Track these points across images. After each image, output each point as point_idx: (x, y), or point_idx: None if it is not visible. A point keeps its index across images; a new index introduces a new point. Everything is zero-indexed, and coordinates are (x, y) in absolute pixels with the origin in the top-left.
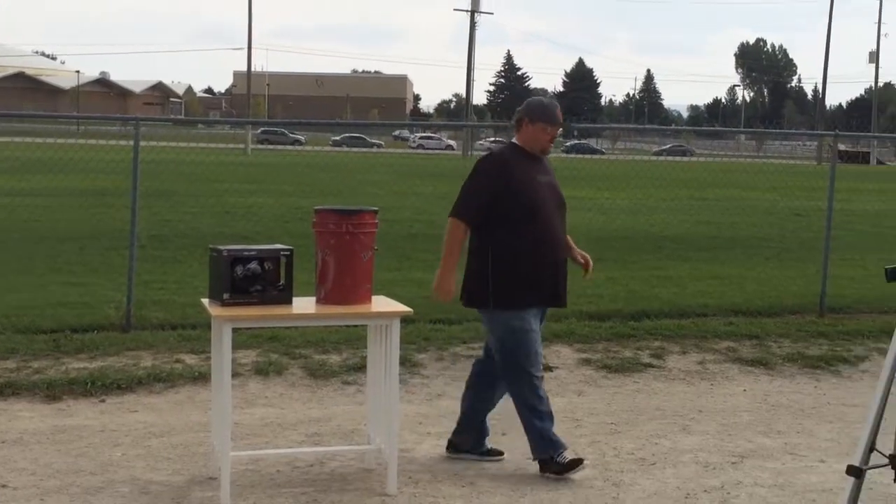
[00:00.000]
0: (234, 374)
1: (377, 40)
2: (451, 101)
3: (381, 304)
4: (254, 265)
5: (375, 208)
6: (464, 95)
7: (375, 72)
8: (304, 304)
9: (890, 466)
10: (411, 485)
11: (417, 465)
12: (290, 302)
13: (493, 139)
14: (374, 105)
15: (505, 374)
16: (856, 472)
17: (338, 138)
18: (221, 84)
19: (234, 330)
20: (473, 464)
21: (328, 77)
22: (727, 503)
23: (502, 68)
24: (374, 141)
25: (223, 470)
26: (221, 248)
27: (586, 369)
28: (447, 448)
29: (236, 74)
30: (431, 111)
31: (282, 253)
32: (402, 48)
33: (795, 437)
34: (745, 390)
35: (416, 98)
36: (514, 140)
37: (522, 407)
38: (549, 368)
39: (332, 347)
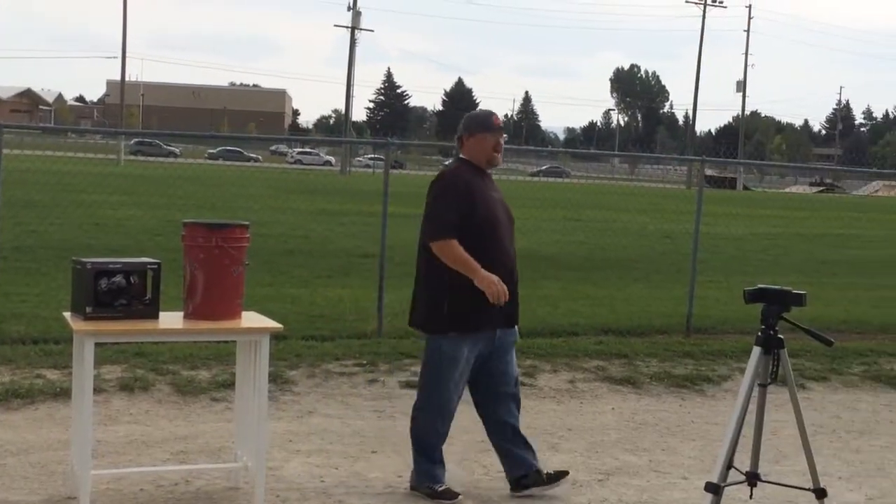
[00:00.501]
0: (98, 391)
1: (256, 54)
2: (330, 116)
3: (251, 319)
4: (119, 278)
5: (246, 222)
6: (343, 111)
7: (254, 85)
8: (171, 319)
9: (746, 483)
10: (279, 503)
11: (285, 483)
12: (156, 316)
13: (371, 156)
14: (251, 119)
15: (419, 394)
16: (714, 489)
17: (214, 151)
18: (94, 93)
19: (98, 345)
20: (342, 482)
21: (205, 89)
22: None
23: (382, 86)
24: (251, 155)
25: (82, 489)
26: (85, 260)
27: None
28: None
29: (110, 83)
30: (310, 126)
31: (148, 266)
32: (281, 62)
33: (660, 455)
34: (613, 409)
35: (295, 113)
36: (461, 156)
37: (415, 436)
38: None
39: (201, 363)
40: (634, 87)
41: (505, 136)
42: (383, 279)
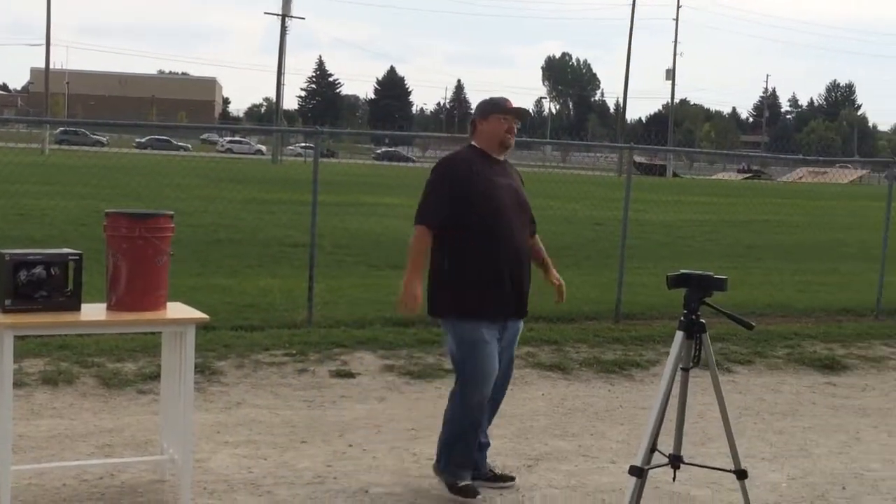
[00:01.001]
0: (20, 384)
1: (185, 41)
2: (261, 105)
3: (176, 310)
4: (39, 270)
5: (171, 212)
6: (274, 100)
7: (183, 73)
8: (93, 311)
9: (669, 466)
10: (206, 495)
11: (213, 475)
12: (78, 308)
13: (303, 144)
14: (181, 107)
15: (456, 387)
16: (637, 472)
17: (142, 140)
18: (17, 81)
19: (20, 337)
20: (270, 472)
21: (132, 77)
22: None
23: (314, 74)
24: (180, 144)
25: (2, 485)
26: (4, 251)
27: (389, 376)
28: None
29: (34, 71)
30: (241, 115)
31: (70, 257)
32: (211, 50)
33: (589, 440)
34: (542, 395)
35: (226, 101)
36: (471, 142)
37: (451, 419)
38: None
39: (127, 355)
40: (566, 76)
41: (518, 122)
42: (313, 268)
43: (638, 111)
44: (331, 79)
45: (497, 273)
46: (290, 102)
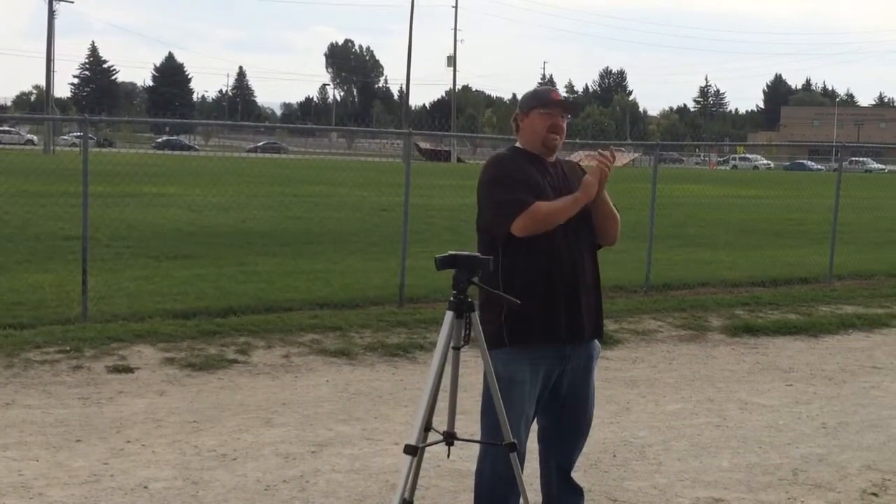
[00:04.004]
0: None
1: None
2: (31, 93)
3: None
4: None
5: None
6: (44, 87)
7: None
8: None
9: (444, 443)
10: None
11: None
12: None
13: (77, 134)
14: None
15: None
16: (412, 451)
17: None
18: None
19: None
20: (43, 474)
21: None
22: (305, 491)
23: (87, 60)
24: None
25: None
26: None
27: (170, 368)
28: None
29: None
30: (8, 104)
31: None
32: None
33: (373, 423)
34: (327, 381)
35: None
36: (516, 144)
37: (477, 486)
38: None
39: None
40: (349, 62)
41: (568, 116)
42: (87, 261)
43: (422, 97)
44: (105, 65)
45: (551, 294)
46: (63, 90)
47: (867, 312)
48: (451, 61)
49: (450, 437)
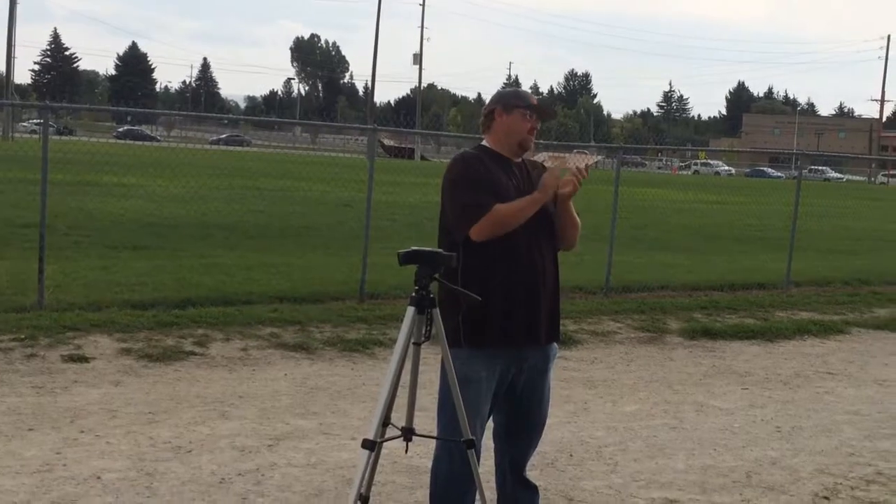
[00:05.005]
0: None
1: None
2: None
3: None
4: None
5: None
6: (4, 73)
7: None
8: None
9: (402, 438)
10: None
11: None
12: None
13: (37, 121)
14: None
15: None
16: (370, 445)
17: None
18: None
19: None
20: None
21: None
22: (261, 485)
23: (48, 47)
24: None
25: None
26: None
27: (126, 359)
28: None
29: None
30: None
31: None
32: None
33: (330, 418)
34: (285, 375)
35: None
36: (483, 143)
37: (433, 485)
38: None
39: None
40: (315, 57)
41: (538, 123)
42: (43, 249)
43: (387, 94)
44: (67, 52)
45: (511, 294)
46: (24, 76)
47: (823, 319)
48: (417, 59)
49: (408, 433)
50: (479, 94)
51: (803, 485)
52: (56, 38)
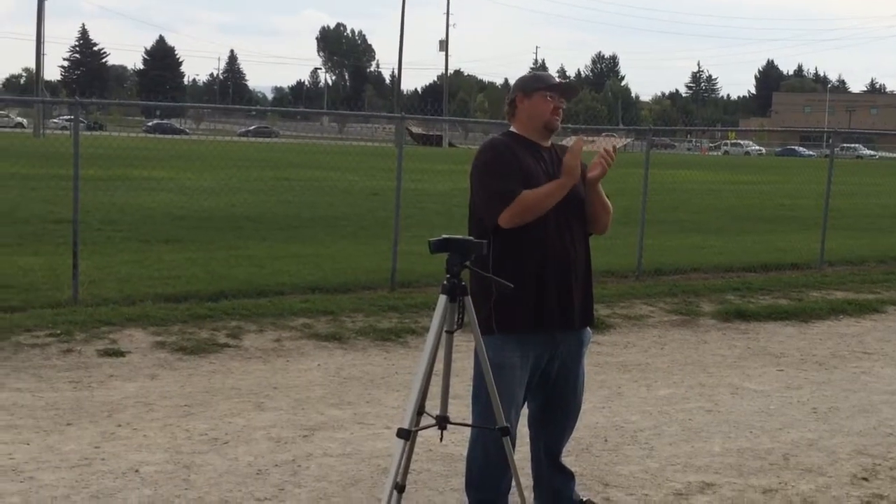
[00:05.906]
0: None
1: None
2: (20, 75)
3: None
4: None
5: None
6: (34, 70)
7: None
8: None
9: (437, 427)
10: None
11: None
12: None
13: (67, 117)
14: None
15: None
16: (405, 434)
17: None
18: None
19: None
20: (33, 457)
21: None
22: (297, 475)
23: (77, 43)
24: None
25: None
26: None
27: (161, 352)
28: None
29: None
30: None
31: None
32: None
33: (365, 407)
34: (319, 365)
35: None
36: (511, 129)
37: (468, 472)
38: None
39: None
40: (341, 47)
41: (563, 102)
42: (77, 244)
43: (414, 82)
44: (96, 48)
45: (542, 280)
46: (53, 73)
47: (858, 298)
48: (443, 45)
49: (443, 422)
50: (506, 80)
51: (841, 466)
52: (84, 33)
